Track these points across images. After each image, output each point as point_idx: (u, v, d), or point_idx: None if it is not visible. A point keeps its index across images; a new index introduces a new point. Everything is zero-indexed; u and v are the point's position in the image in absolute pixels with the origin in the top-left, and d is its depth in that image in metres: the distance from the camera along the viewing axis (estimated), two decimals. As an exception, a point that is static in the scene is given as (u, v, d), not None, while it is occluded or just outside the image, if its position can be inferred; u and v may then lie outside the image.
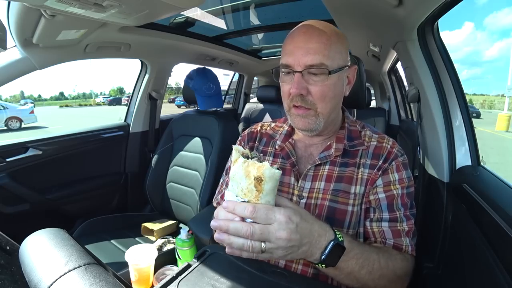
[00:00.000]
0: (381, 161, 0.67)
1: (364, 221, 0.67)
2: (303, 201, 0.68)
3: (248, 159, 0.47)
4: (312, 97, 0.63)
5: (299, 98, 0.64)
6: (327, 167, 0.69)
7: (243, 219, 0.46)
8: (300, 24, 0.65)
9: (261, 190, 0.45)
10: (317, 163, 0.69)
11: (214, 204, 0.88)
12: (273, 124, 0.84)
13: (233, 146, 0.50)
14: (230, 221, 0.46)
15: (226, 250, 0.48)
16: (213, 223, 0.48)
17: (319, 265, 0.52)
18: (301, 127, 0.68)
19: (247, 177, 0.46)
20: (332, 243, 0.51)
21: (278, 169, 0.46)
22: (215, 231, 0.49)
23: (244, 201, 0.47)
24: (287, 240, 0.46)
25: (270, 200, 0.47)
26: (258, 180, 0.45)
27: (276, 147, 0.76)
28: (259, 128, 0.84)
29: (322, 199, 0.67)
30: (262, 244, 0.46)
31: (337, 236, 0.52)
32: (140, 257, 0.98)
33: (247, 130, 0.86)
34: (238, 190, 0.47)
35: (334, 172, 0.68)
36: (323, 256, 0.50)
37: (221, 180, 0.88)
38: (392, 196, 0.65)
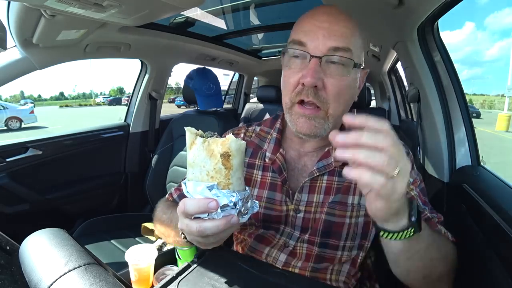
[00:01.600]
0: None
1: None
2: (300, 215, 0.62)
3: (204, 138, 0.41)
4: (327, 93, 0.52)
5: (311, 91, 0.52)
6: (325, 177, 0.62)
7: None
8: (321, 5, 0.55)
9: (230, 167, 0.40)
10: (315, 175, 0.61)
11: (173, 193, 0.75)
12: (258, 129, 0.72)
13: (185, 128, 0.43)
14: (358, 132, 0.35)
15: (348, 168, 0.36)
16: (339, 138, 0.34)
17: (408, 231, 0.41)
18: (304, 131, 0.56)
19: (211, 157, 0.40)
20: (414, 201, 0.42)
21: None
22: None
23: (213, 187, 0.40)
24: (409, 170, 0.37)
25: (240, 176, 0.42)
26: (226, 156, 0.39)
27: (267, 160, 0.66)
28: (242, 134, 0.73)
29: (320, 212, 0.61)
30: (398, 166, 0.34)
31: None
32: (140, 257, 0.98)
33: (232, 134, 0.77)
34: (202, 175, 0.40)
35: (333, 183, 0.61)
36: (412, 217, 0.41)
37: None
38: (412, 198, 0.58)
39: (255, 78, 3.26)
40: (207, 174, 0.40)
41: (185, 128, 0.43)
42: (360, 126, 0.35)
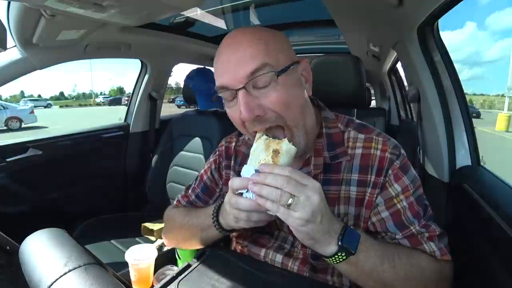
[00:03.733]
0: (373, 176, 0.56)
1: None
2: (285, 228, 0.62)
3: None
4: (273, 109, 0.51)
5: (256, 122, 0.52)
6: None
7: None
8: (225, 39, 0.54)
9: (276, 162, 0.47)
10: None
11: (181, 200, 0.81)
12: (247, 137, 0.72)
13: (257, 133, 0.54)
14: (268, 174, 0.45)
15: (251, 194, 0.47)
16: (253, 176, 0.46)
17: (338, 255, 0.47)
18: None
19: (266, 150, 0.49)
20: (346, 227, 0.48)
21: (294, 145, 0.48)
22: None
23: (258, 169, 0.48)
24: (316, 202, 0.44)
25: None
26: (276, 153, 0.47)
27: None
28: (234, 143, 0.75)
29: None
30: (290, 199, 0.43)
31: (348, 224, 0.50)
32: (140, 257, 0.98)
33: (224, 142, 0.78)
34: (255, 162, 0.49)
35: None
36: (339, 242, 0.46)
37: (192, 183, 0.83)
38: (398, 212, 0.55)
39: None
40: (258, 162, 0.49)
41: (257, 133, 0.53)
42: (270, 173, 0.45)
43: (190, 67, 1.82)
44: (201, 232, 0.65)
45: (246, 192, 0.49)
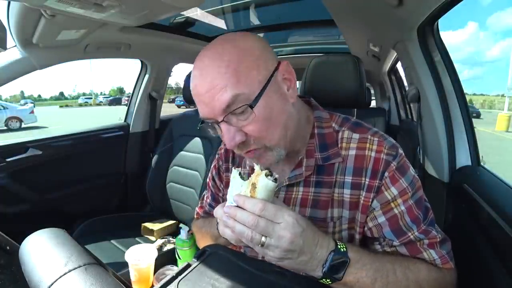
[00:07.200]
0: (368, 178, 0.54)
1: (372, 246, 0.58)
2: None
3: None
4: (254, 136, 0.51)
5: (241, 146, 0.52)
6: (301, 188, 0.59)
7: None
8: (194, 65, 0.53)
9: (254, 196, 0.45)
10: (286, 183, 0.59)
11: (199, 211, 0.84)
12: None
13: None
14: (239, 209, 0.45)
15: (227, 233, 0.48)
16: (225, 209, 0.46)
17: (324, 280, 0.47)
18: (264, 167, 0.53)
19: (248, 182, 0.47)
20: (332, 254, 0.46)
21: (275, 180, 0.44)
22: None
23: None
24: (289, 241, 0.43)
25: None
26: (253, 186, 0.45)
27: (247, 167, 0.67)
28: None
29: None
30: (263, 238, 0.44)
31: (339, 247, 0.47)
32: (140, 257, 0.98)
33: (223, 145, 0.76)
34: (237, 189, 0.48)
35: (310, 195, 0.58)
36: (324, 269, 0.46)
37: (204, 193, 0.84)
38: (395, 217, 0.53)
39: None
40: (239, 193, 0.47)
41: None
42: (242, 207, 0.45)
43: (190, 67, 1.81)
44: (218, 240, 0.67)
45: None
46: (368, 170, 0.54)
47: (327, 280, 0.47)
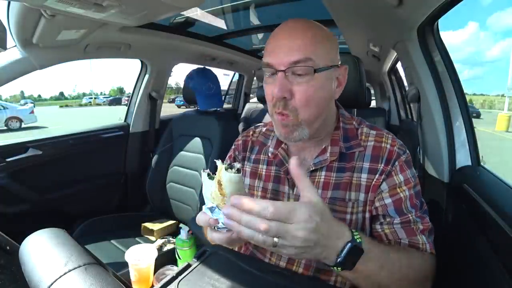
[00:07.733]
0: (382, 164, 0.62)
1: (373, 225, 0.63)
2: None
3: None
4: (296, 101, 0.58)
5: (282, 103, 0.58)
6: (323, 173, 0.64)
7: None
8: (283, 23, 0.60)
9: (224, 194, 0.44)
10: (311, 169, 0.64)
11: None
12: (264, 129, 0.79)
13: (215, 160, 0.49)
14: (244, 213, 0.42)
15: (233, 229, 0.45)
16: (225, 210, 0.43)
17: (335, 268, 0.48)
18: (283, 136, 0.63)
19: (214, 181, 0.46)
20: (349, 245, 0.47)
21: (238, 171, 0.44)
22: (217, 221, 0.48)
23: (213, 206, 0.47)
24: (303, 239, 0.43)
25: None
26: (219, 184, 0.44)
27: (269, 154, 0.71)
28: (250, 135, 0.80)
29: None
30: (275, 239, 0.42)
31: (355, 237, 0.48)
32: (140, 257, 0.98)
33: (241, 137, 0.82)
34: (209, 195, 0.47)
35: (331, 179, 0.64)
36: (339, 259, 0.46)
37: None
38: (400, 199, 0.60)
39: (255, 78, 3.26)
40: (210, 194, 0.47)
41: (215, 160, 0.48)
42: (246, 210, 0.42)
43: (190, 67, 1.82)
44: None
45: (219, 224, 0.47)
46: (384, 158, 0.62)
47: (338, 268, 0.48)
